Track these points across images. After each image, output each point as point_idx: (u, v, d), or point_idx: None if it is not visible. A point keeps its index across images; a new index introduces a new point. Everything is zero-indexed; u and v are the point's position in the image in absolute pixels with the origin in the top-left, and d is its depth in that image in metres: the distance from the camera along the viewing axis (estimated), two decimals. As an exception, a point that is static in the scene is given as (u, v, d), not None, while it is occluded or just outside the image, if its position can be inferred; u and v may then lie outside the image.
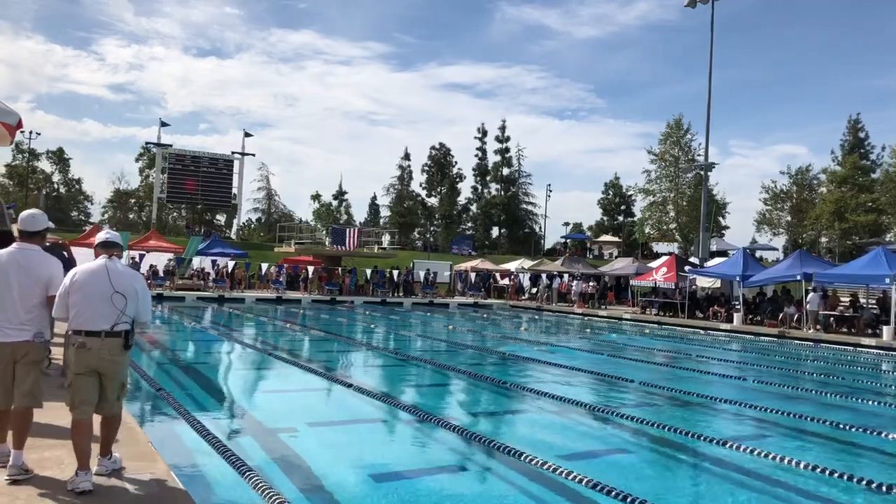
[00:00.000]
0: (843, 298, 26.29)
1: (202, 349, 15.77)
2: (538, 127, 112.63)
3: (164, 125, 58.00)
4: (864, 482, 6.35)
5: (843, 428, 8.95)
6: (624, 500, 5.36)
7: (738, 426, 9.32)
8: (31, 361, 4.71)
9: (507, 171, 78.64)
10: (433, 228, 79.72)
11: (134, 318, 4.73)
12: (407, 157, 78.96)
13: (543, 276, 37.71)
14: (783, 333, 23.28)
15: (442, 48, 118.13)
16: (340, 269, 36.33)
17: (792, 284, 26.81)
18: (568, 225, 79.17)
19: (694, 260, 34.33)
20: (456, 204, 78.23)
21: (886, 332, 21.00)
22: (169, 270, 32.51)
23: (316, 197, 79.61)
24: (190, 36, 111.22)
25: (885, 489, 6.16)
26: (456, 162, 78.82)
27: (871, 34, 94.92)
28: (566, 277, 37.35)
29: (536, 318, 29.87)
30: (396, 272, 36.68)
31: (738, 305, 26.44)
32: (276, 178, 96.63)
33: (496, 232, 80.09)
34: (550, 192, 70.21)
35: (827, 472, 6.64)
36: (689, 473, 7.22)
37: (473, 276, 38.83)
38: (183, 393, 9.70)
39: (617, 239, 70.56)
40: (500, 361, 14.97)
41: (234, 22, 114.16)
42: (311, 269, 34.94)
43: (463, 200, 79.28)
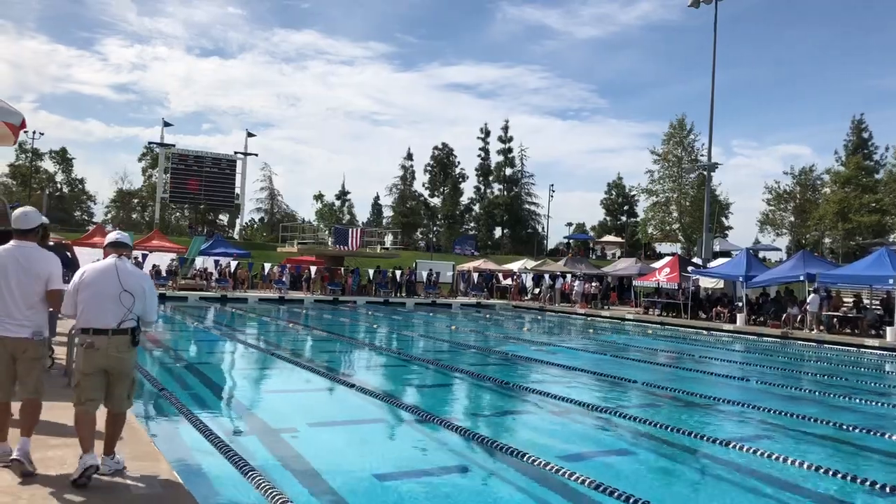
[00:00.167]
0: (846, 299, 26.23)
1: (205, 349, 15.79)
2: (541, 127, 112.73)
3: (167, 125, 58.08)
4: (867, 483, 6.35)
5: (846, 429, 8.94)
6: (627, 500, 5.35)
7: (741, 427, 9.31)
8: (31, 358, 4.79)
9: (509, 171, 78.62)
10: (436, 228, 79.72)
11: (140, 316, 4.84)
12: (410, 157, 79.08)
13: (546, 276, 37.70)
14: (786, 334, 23.24)
15: (444, 48, 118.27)
16: (343, 269, 36.34)
17: (795, 285, 26.79)
18: (571, 225, 79.30)
19: (697, 260, 34.29)
20: (459, 204, 78.23)
21: (890, 332, 20.96)
22: (172, 270, 32.56)
23: (319, 197, 79.76)
24: (193, 36, 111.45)
25: (888, 490, 6.15)
26: (459, 162, 78.96)
27: (874, 34, 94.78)
28: (569, 278, 37.34)
29: (539, 318, 29.86)
30: (399, 272, 36.68)
31: (741, 306, 26.40)
32: (278, 178, 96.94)
33: (499, 232, 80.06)
34: (553, 192, 70.19)
35: (830, 472, 6.64)
36: (692, 474, 7.20)
37: (476, 276, 38.82)
38: (185, 393, 9.71)
39: (620, 239, 70.47)
40: (502, 362, 14.96)
41: (236, 22, 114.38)
42: (313, 269, 34.95)
43: (466, 200, 79.37)
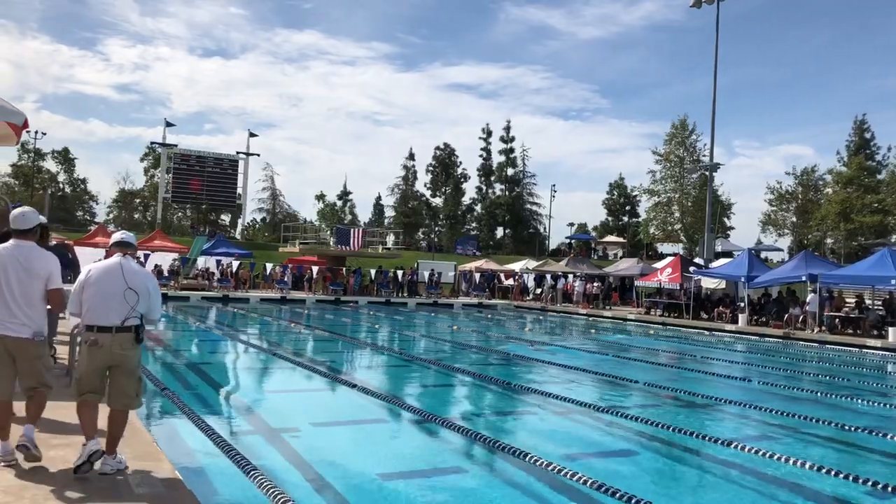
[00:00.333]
0: (848, 300, 26.20)
1: (207, 349, 15.80)
2: (543, 127, 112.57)
3: (169, 125, 58.13)
4: (869, 483, 6.34)
5: (848, 429, 8.93)
6: (629, 501, 5.35)
7: (742, 427, 9.31)
8: (32, 357, 4.85)
9: (511, 171, 78.53)
10: (437, 229, 79.67)
11: (144, 314, 4.91)
12: (411, 157, 78.97)
13: (548, 276, 37.68)
14: (788, 335, 23.21)
15: (446, 48, 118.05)
16: (345, 269, 36.36)
17: (797, 286, 26.76)
18: (572, 225, 79.17)
19: (699, 261, 34.26)
20: (460, 204, 78.15)
21: (892, 333, 20.93)
22: (174, 270, 32.61)
23: (320, 197, 79.74)
24: (195, 36, 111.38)
25: (890, 490, 6.15)
26: (460, 162, 78.83)
27: (877, 34, 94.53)
28: (570, 278, 37.32)
29: (541, 318, 29.86)
30: (401, 272, 36.68)
31: (743, 306, 26.38)
32: (280, 178, 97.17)
33: (500, 232, 80.00)
34: (555, 192, 70.19)
35: (832, 473, 6.63)
36: (693, 475, 7.21)
37: (478, 276, 38.79)
38: (187, 392, 9.72)
39: (622, 239, 70.41)
40: (504, 362, 14.96)
41: (239, 22, 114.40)
42: (315, 269, 34.98)
43: (467, 201, 79.23)
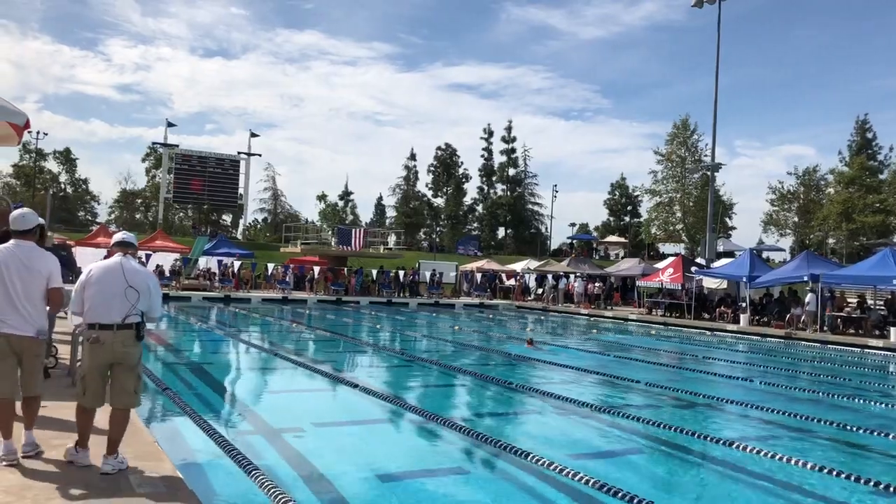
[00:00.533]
0: (850, 300, 26.18)
1: (208, 349, 15.81)
2: (544, 127, 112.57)
3: (170, 125, 58.26)
4: (870, 483, 6.33)
5: (849, 429, 8.92)
6: (630, 500, 5.35)
7: (744, 427, 9.30)
8: (35, 356, 4.98)
9: (512, 171, 78.54)
10: (439, 229, 79.66)
11: (145, 312, 4.98)
12: (413, 157, 78.97)
13: (549, 276, 37.67)
14: (790, 335, 23.19)
15: (447, 48, 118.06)
16: (346, 269, 36.37)
17: (799, 285, 26.73)
18: (574, 225, 79.17)
19: (700, 261, 34.25)
20: (462, 204, 78.16)
21: (894, 333, 20.90)
22: (175, 270, 32.63)
23: (322, 197, 79.81)
24: (196, 36, 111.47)
25: (892, 490, 6.14)
26: (462, 162, 78.85)
27: (878, 34, 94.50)
28: (572, 278, 37.31)
29: (542, 318, 29.85)
30: (402, 272, 36.69)
31: (744, 306, 26.36)
32: (282, 178, 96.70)
33: (502, 232, 79.96)
34: (556, 192, 70.20)
35: (834, 472, 6.63)
36: (695, 474, 7.20)
37: (479, 276, 38.79)
38: (189, 392, 9.73)
39: (623, 239, 70.36)
40: (505, 362, 14.95)
41: (240, 22, 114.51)
42: (316, 269, 34.99)
43: (469, 201, 79.24)
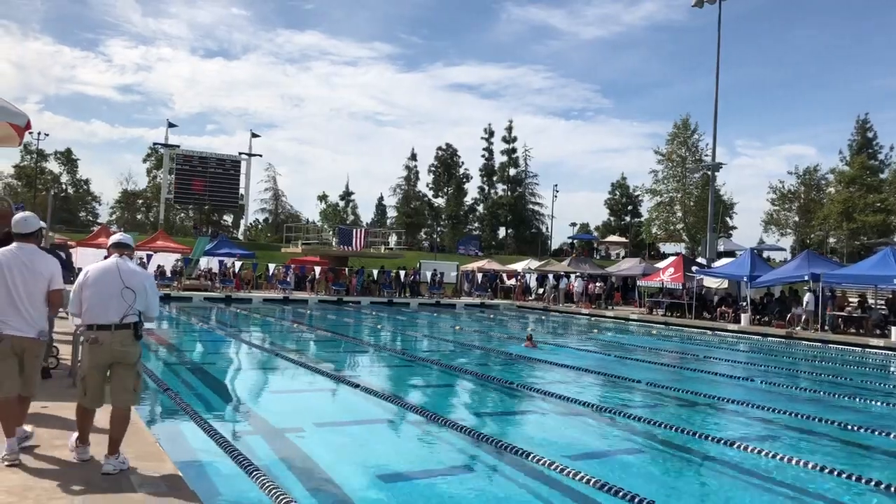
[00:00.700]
0: (851, 299, 26.16)
1: (209, 349, 15.82)
2: (544, 127, 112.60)
3: (171, 126, 58.27)
4: (871, 483, 6.34)
5: (850, 428, 8.92)
6: (631, 500, 5.35)
7: (745, 427, 9.29)
8: (35, 356, 5.06)
9: (513, 171, 78.54)
10: (440, 229, 79.68)
11: (143, 312, 5.03)
12: (413, 157, 78.97)
13: (550, 276, 37.66)
14: (791, 334, 23.18)
15: (448, 49, 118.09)
16: (347, 269, 36.37)
17: (800, 285, 26.71)
18: (575, 225, 79.26)
19: (701, 260, 34.22)
20: (462, 204, 78.18)
21: (895, 332, 20.89)
22: (176, 271, 32.64)
23: (323, 197, 79.80)
24: (197, 37, 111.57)
25: (893, 490, 6.14)
26: (462, 162, 78.86)
27: (878, 34, 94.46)
28: (572, 278, 37.30)
29: (543, 318, 29.84)
30: (403, 273, 36.70)
31: (745, 306, 26.35)
32: (282, 178, 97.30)
33: (503, 232, 79.97)
34: (557, 192, 70.33)
35: (835, 472, 6.63)
36: (696, 474, 7.20)
37: (480, 276, 38.79)
38: (190, 393, 9.74)
39: (624, 239, 70.35)
40: (506, 362, 14.96)
41: (240, 23, 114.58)
42: (317, 269, 35.00)
43: (469, 201, 79.25)
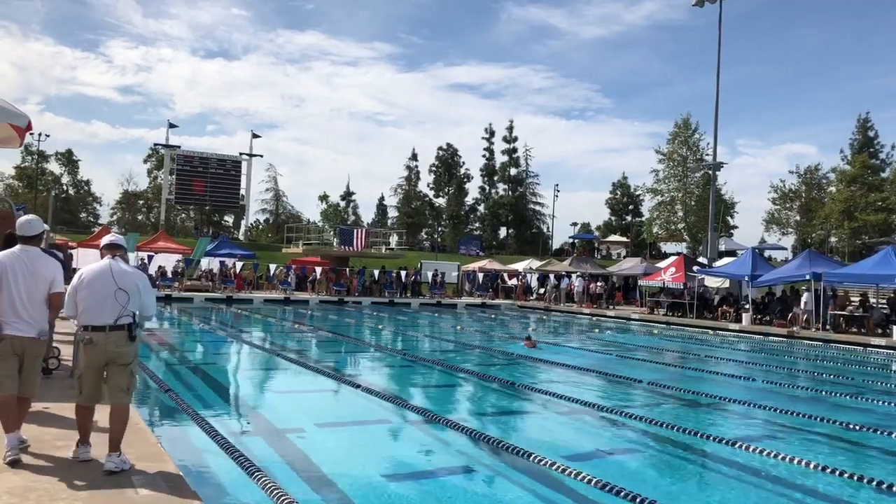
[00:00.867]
0: (853, 298, 26.13)
1: (210, 350, 15.83)
2: (545, 127, 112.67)
3: (172, 127, 58.36)
4: (873, 482, 6.33)
5: (852, 428, 8.91)
6: (633, 500, 5.35)
7: (747, 426, 9.28)
8: (36, 356, 5.14)
9: (514, 171, 78.63)
10: (441, 229, 79.73)
11: (139, 312, 5.08)
12: (414, 157, 79.06)
13: (551, 276, 37.64)
14: (792, 333, 23.16)
15: (448, 48, 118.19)
16: (348, 269, 36.37)
17: (801, 284, 26.68)
18: (576, 225, 79.25)
19: (702, 260, 34.20)
20: (463, 204, 78.25)
21: (896, 331, 20.88)
22: (177, 271, 32.66)
23: (323, 198, 79.88)
24: (198, 37, 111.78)
25: (894, 489, 6.13)
26: (463, 162, 79.00)
27: (879, 32, 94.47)
28: (573, 277, 37.29)
29: (544, 318, 29.83)
30: (404, 273, 36.70)
31: (746, 305, 26.33)
32: (283, 178, 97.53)
33: (504, 232, 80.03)
34: (558, 192, 70.45)
35: (836, 472, 6.62)
36: (698, 474, 7.20)
37: (481, 276, 38.79)
38: (191, 394, 9.74)
39: (625, 239, 70.36)
40: (507, 362, 14.95)
41: (241, 23, 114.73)
42: (318, 269, 35.00)
43: (470, 201, 79.40)
